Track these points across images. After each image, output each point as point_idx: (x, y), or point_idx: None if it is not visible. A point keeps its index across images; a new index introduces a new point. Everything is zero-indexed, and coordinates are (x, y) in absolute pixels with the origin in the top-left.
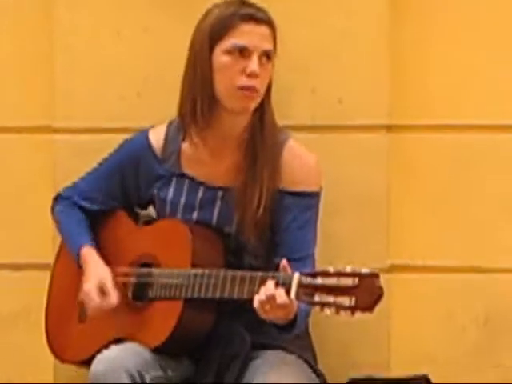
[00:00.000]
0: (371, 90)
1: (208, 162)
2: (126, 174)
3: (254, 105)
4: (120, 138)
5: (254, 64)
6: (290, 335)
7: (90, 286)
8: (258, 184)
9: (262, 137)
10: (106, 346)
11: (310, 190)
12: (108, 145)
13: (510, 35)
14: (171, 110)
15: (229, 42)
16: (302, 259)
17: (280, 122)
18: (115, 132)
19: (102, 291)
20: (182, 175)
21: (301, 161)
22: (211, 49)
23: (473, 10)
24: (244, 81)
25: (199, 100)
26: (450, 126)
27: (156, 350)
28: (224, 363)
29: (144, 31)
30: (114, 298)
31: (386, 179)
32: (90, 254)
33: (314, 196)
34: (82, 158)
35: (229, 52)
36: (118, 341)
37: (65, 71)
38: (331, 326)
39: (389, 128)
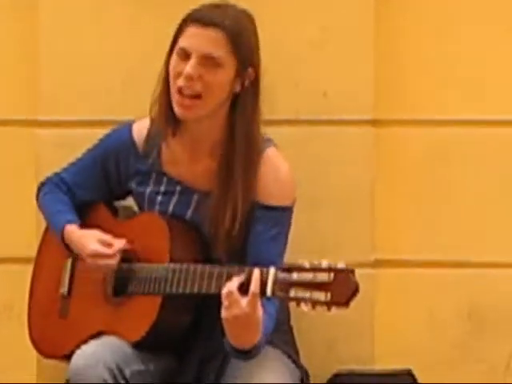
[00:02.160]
0: (356, 84)
1: (186, 163)
2: (108, 165)
3: (193, 114)
4: (104, 132)
5: (188, 66)
6: (245, 358)
7: (93, 246)
8: (230, 203)
9: (234, 150)
10: (87, 341)
11: (282, 204)
12: (92, 138)
13: (493, 31)
14: None
15: (178, 44)
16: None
17: (264, 116)
18: (99, 125)
19: (105, 243)
20: (161, 173)
21: (275, 175)
22: (171, 53)
23: (457, 5)
24: (180, 81)
25: (162, 105)
26: (436, 120)
27: (136, 345)
28: (206, 358)
29: (128, 23)
30: (119, 242)
31: (371, 174)
32: (75, 229)
33: (286, 210)
34: (66, 151)
35: (177, 54)
36: (98, 335)
37: (49, 63)
38: (315, 321)
39: (374, 122)
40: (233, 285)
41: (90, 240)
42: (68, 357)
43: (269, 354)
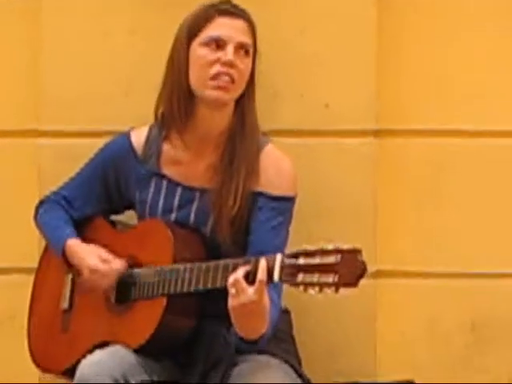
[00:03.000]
0: (358, 94)
1: (187, 163)
2: (107, 174)
3: (228, 97)
4: (106, 142)
5: (229, 53)
6: (254, 347)
7: (92, 262)
8: (233, 184)
9: (241, 138)
10: (90, 352)
11: (284, 194)
12: (94, 148)
13: (496, 41)
14: None
15: (205, 34)
16: None
17: (266, 126)
18: (101, 135)
19: (105, 261)
20: (161, 176)
21: (277, 165)
22: (188, 45)
23: (459, 16)
24: (218, 68)
25: (175, 96)
26: (437, 130)
27: (139, 351)
28: (208, 368)
29: (130, 32)
30: (118, 262)
31: (373, 184)
32: (76, 244)
33: (288, 201)
34: (67, 161)
35: (205, 44)
36: (102, 345)
37: (51, 74)
38: (317, 332)
39: (376, 133)
40: (239, 273)
41: (90, 255)
42: (69, 371)
43: (271, 363)
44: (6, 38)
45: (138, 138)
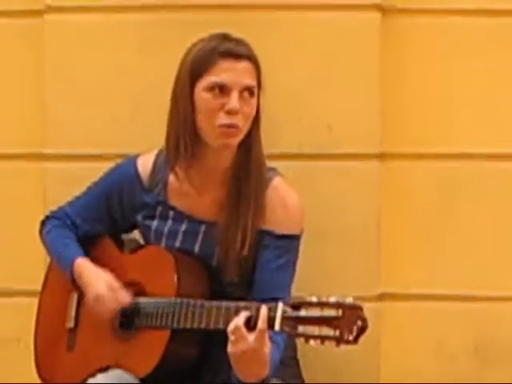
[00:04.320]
0: (362, 117)
1: (193, 195)
2: (112, 200)
3: (235, 141)
4: (111, 165)
5: (233, 101)
6: None
7: (99, 290)
8: (241, 223)
9: (246, 172)
10: (94, 375)
11: (290, 233)
12: (99, 172)
13: (499, 63)
14: (164, 134)
15: (208, 79)
16: (275, 301)
17: (268, 150)
18: (106, 159)
19: (113, 290)
20: (167, 206)
21: (283, 203)
22: (192, 86)
23: (462, 38)
24: (224, 118)
25: (182, 138)
26: (442, 154)
27: (144, 380)
28: None
29: (137, 54)
30: (126, 295)
31: (377, 208)
32: (85, 265)
33: (294, 239)
34: (72, 185)
35: (209, 89)
36: (105, 369)
37: (56, 96)
38: (321, 355)
39: (380, 156)
40: (239, 320)
41: (99, 281)
42: None
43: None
44: (10, 61)
45: (145, 166)
